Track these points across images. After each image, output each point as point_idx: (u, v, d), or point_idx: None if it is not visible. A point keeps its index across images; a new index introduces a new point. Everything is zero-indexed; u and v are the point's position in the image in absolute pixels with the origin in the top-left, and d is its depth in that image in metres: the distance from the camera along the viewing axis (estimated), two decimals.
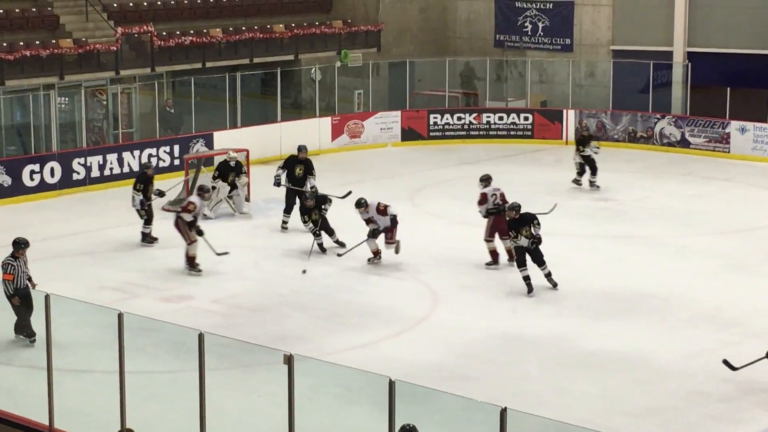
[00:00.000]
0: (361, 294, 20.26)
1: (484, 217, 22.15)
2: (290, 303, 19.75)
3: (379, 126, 34.78)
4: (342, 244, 22.75)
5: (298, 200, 24.41)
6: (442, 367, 16.64)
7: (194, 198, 22.21)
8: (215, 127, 31.60)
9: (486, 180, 22.56)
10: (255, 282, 21.00)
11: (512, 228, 20.37)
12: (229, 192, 26.07)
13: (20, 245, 17.31)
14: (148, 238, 23.74)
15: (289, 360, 11.37)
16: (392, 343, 17.83)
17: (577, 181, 29.29)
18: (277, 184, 24.82)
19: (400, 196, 27.87)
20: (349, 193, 24.26)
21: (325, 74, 35.03)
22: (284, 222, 24.75)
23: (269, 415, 13.95)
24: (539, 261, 20.43)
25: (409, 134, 35.13)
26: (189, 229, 21.68)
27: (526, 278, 20.30)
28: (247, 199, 26.92)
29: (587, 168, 29.06)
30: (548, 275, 20.48)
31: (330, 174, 28.90)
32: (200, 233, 21.56)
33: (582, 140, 29.22)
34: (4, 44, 29.94)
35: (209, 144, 30.71)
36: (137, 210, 23.85)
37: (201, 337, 12.15)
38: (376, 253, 22.11)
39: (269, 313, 19.31)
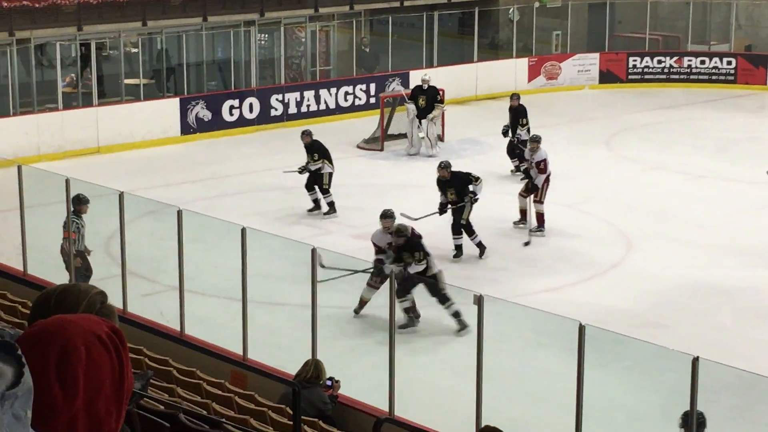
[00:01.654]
0: (554, 238, 20.10)
1: None
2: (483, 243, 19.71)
3: (576, 68, 34.32)
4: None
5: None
6: (632, 314, 16.43)
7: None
8: (411, 66, 31.63)
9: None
10: (447, 222, 21.00)
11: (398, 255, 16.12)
12: (418, 117, 25.90)
13: (82, 201, 16.01)
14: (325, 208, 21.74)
15: (479, 300, 11.37)
16: (583, 288, 17.67)
17: None
18: (504, 134, 24.55)
19: (595, 139, 27.52)
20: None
21: (523, 14, 34.67)
22: (514, 166, 24.51)
23: (457, 354, 13.99)
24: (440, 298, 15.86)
25: (607, 77, 34.58)
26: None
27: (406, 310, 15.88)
28: (441, 139, 26.91)
29: None
30: (454, 314, 15.63)
31: None
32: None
33: None
34: None
35: (405, 83, 30.75)
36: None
37: (392, 274, 12.24)
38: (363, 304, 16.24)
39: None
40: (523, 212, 20.48)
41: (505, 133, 24.46)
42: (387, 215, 16.53)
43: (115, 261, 16.49)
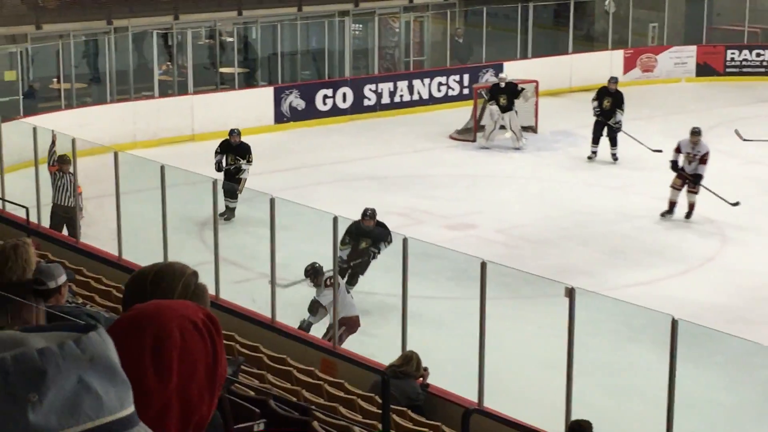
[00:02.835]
0: (647, 231, 19.92)
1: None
2: (574, 236, 19.61)
3: (673, 60, 33.94)
4: None
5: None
6: (727, 309, 16.22)
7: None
8: (505, 57, 31.51)
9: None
10: (539, 214, 20.92)
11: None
12: (502, 113, 25.76)
13: (64, 161, 17.51)
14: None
15: (570, 293, 11.31)
16: (676, 282, 17.49)
17: None
18: (598, 116, 24.62)
19: None
20: (660, 151, 23.43)
21: (620, 6, 34.34)
22: (593, 152, 24.50)
23: (547, 346, 13.92)
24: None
25: (704, 70, 34.14)
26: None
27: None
28: (535, 131, 26.80)
29: None
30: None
31: None
32: None
33: None
34: None
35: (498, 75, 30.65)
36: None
37: (483, 265, 12.22)
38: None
39: (552, 245, 19.24)
40: (673, 204, 20.47)
41: (598, 115, 24.46)
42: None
43: (208, 247, 16.63)
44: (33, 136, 17.45)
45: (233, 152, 20.60)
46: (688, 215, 20.42)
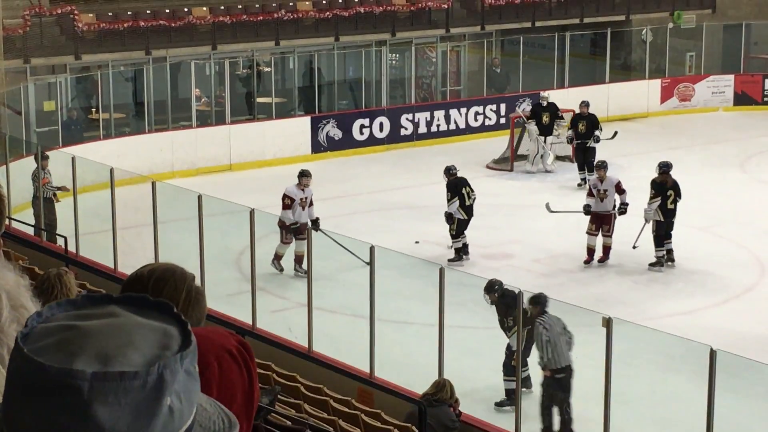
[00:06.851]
0: (686, 260, 19.80)
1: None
2: (612, 265, 19.52)
3: (710, 90, 33.81)
4: None
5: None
6: (767, 340, 16.10)
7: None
8: (542, 87, 31.47)
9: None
10: (576, 243, 20.83)
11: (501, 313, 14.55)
12: (542, 134, 25.96)
13: (44, 157, 19.49)
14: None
15: (607, 323, 11.26)
16: (716, 312, 17.38)
17: None
18: (568, 141, 25.58)
19: (730, 162, 27.08)
20: (616, 133, 24.89)
21: (657, 35, 34.27)
22: (582, 179, 24.73)
23: (585, 377, 13.86)
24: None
25: (742, 99, 33.99)
26: None
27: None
28: (572, 160, 26.79)
29: None
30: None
31: (657, 138, 28.38)
32: None
33: None
34: (340, 1, 30.72)
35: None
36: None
37: (520, 295, 12.19)
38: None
39: (589, 274, 19.16)
40: (591, 251, 19.73)
41: (570, 140, 25.31)
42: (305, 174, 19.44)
43: (245, 277, 16.67)
44: (71, 165, 17.58)
45: None
46: (603, 259, 19.63)
